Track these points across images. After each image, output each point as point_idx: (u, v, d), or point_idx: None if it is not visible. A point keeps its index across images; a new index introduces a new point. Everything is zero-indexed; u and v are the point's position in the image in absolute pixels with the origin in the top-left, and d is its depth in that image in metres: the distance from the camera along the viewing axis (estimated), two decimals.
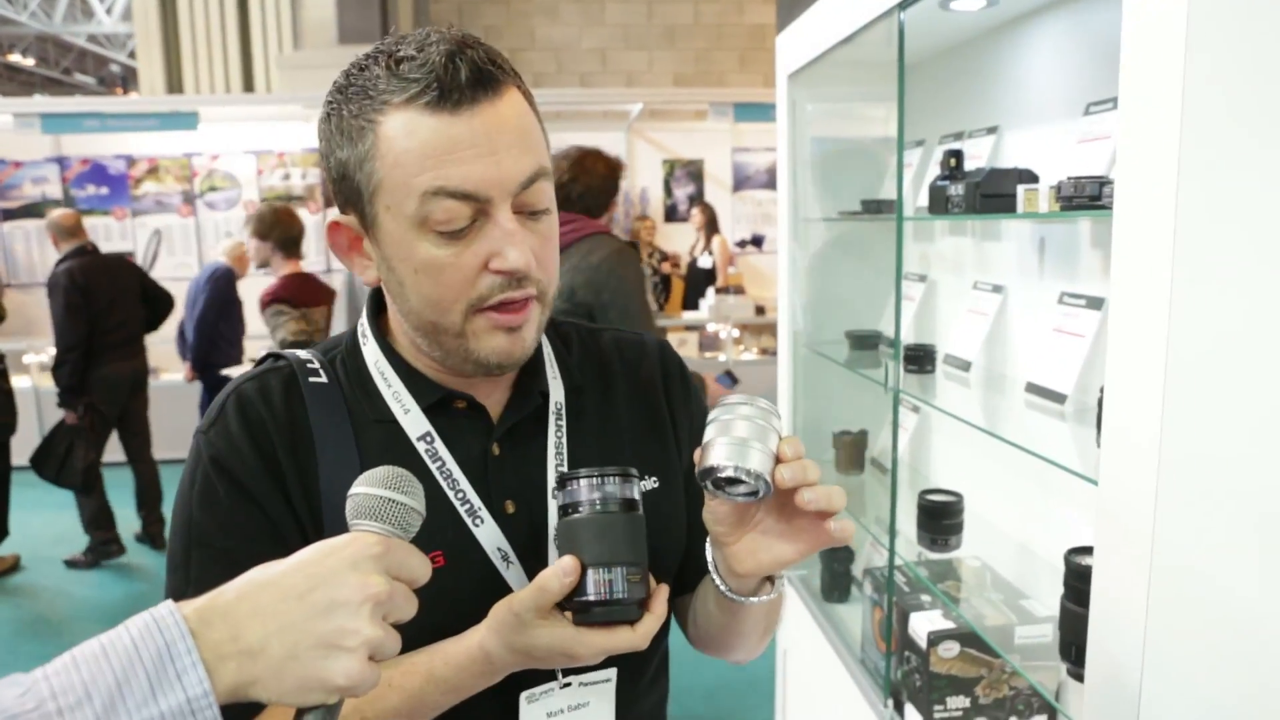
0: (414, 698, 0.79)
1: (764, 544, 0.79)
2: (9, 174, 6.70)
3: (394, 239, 0.79)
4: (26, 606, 4.17)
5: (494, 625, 0.77)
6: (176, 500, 0.85)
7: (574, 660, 0.77)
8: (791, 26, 2.11)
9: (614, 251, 2.76)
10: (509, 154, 0.76)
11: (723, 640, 0.96)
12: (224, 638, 0.57)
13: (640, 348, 1.02)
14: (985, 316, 1.82)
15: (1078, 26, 1.56)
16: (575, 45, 8.86)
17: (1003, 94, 1.82)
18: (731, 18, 8.89)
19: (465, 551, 0.84)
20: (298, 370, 0.87)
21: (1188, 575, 0.94)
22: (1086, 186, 1.20)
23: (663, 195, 8.03)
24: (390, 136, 0.75)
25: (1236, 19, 0.85)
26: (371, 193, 0.78)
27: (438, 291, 0.79)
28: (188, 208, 6.80)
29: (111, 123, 6.32)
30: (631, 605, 0.77)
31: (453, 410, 0.88)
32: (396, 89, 0.75)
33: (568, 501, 0.78)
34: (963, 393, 1.78)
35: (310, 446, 0.83)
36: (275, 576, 0.60)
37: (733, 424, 0.76)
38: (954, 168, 1.65)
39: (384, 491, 0.66)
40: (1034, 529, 1.72)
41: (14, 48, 15.09)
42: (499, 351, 0.82)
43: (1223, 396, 0.91)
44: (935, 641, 1.59)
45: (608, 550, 0.76)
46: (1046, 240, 1.67)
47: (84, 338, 4.29)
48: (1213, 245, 0.88)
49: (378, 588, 0.61)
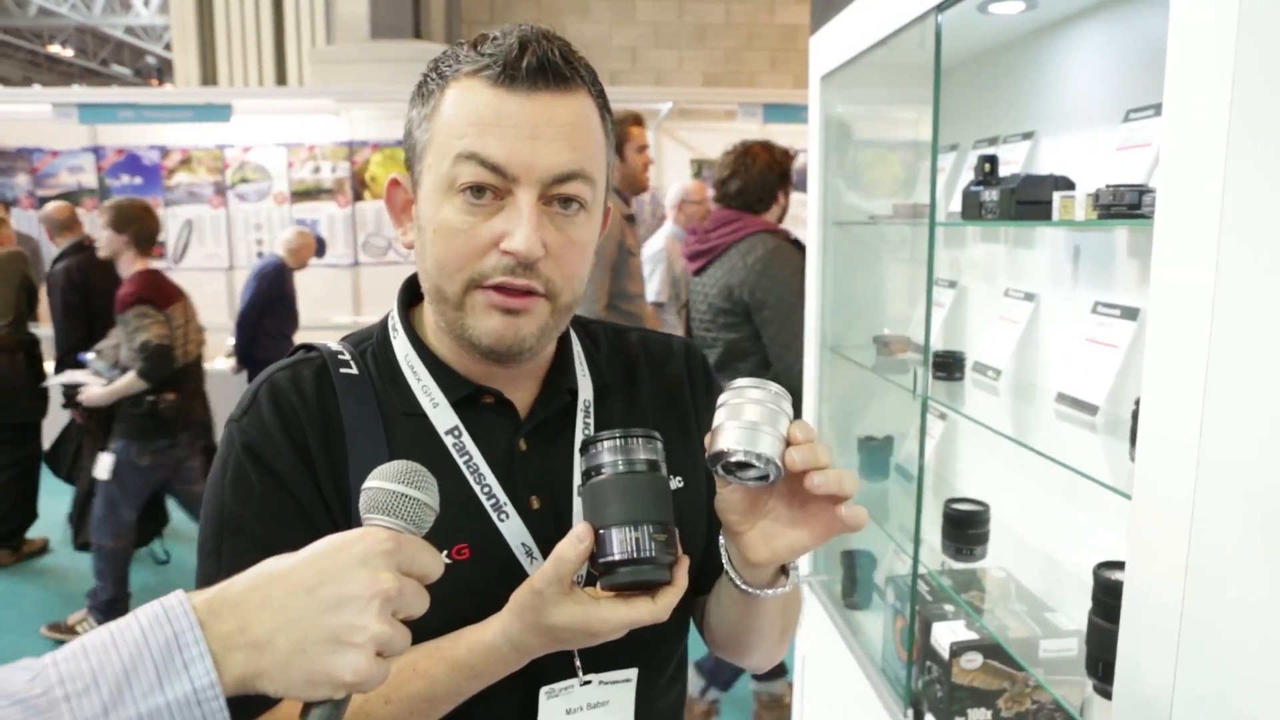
0: (437, 684, 0.78)
1: (777, 531, 0.79)
2: (46, 162, 6.80)
3: (427, 198, 0.82)
4: (53, 588, 4.24)
5: (515, 608, 0.77)
6: (208, 489, 0.85)
7: (595, 636, 0.76)
8: (825, 28, 2.09)
9: (770, 250, 2.71)
10: (551, 144, 0.78)
11: (741, 640, 0.95)
12: (232, 629, 0.57)
13: (667, 348, 1.02)
14: (1016, 324, 1.79)
15: (1118, 31, 1.54)
16: (606, 43, 8.86)
17: (1040, 99, 1.79)
18: (763, 18, 8.85)
19: (489, 545, 0.84)
20: (329, 361, 0.88)
21: (1223, 593, 0.91)
22: (1125, 194, 1.18)
23: None
24: (450, 100, 0.80)
25: None
26: (422, 150, 0.82)
27: (447, 255, 0.81)
28: (219, 199, 6.86)
29: (147, 114, 6.40)
30: (660, 565, 0.75)
31: (481, 405, 0.88)
32: (470, 61, 0.79)
33: (590, 465, 0.77)
34: (992, 401, 1.76)
35: (341, 436, 0.84)
36: (285, 570, 0.61)
37: (742, 408, 0.75)
38: (988, 173, 1.62)
39: (397, 486, 0.66)
40: (1061, 541, 1.69)
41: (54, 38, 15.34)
42: (492, 332, 0.82)
43: (1263, 412, 0.89)
44: (958, 652, 1.57)
45: (632, 509, 0.74)
46: (1081, 249, 1.64)
47: (85, 338, 4.24)
48: (1256, 258, 0.86)
49: (387, 584, 0.61)
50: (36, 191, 6.76)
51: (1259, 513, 0.91)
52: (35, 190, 6.76)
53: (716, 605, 0.95)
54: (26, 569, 4.44)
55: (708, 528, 0.94)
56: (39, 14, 13.35)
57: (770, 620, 0.92)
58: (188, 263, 6.84)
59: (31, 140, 6.76)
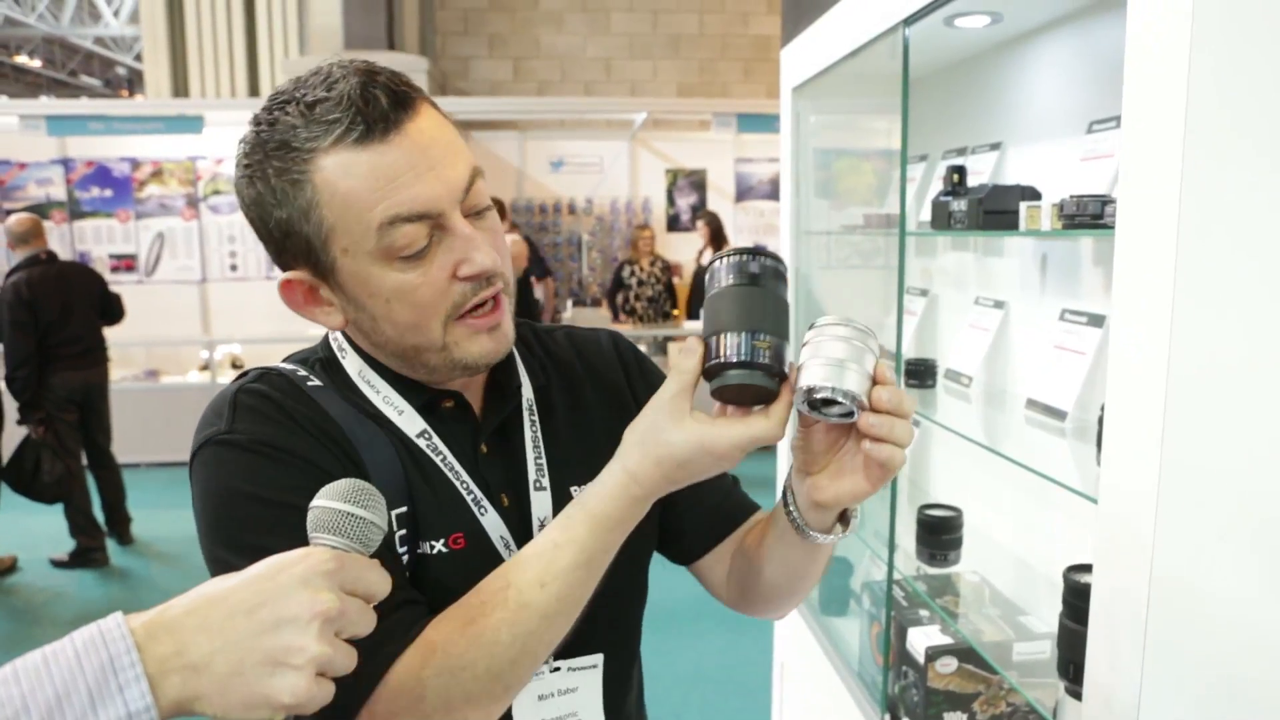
0: (585, 545, 0.78)
1: (846, 472, 0.80)
2: (13, 175, 6.71)
3: (358, 278, 0.79)
4: (20, 607, 4.16)
5: (635, 436, 0.78)
6: (205, 515, 0.80)
7: (715, 457, 0.75)
8: (797, 40, 2.12)
9: None
10: (445, 164, 0.78)
11: (791, 588, 0.96)
12: (169, 652, 0.57)
13: (595, 341, 1.05)
14: (987, 332, 1.82)
15: (1081, 44, 1.57)
16: (580, 54, 8.90)
17: (1006, 110, 1.82)
18: (736, 28, 8.92)
19: (479, 536, 0.86)
20: (292, 377, 0.87)
21: (1188, 594, 0.93)
22: (1089, 205, 1.20)
23: (665, 205, 8.05)
24: (329, 181, 0.75)
25: (1241, 37, 0.85)
26: (324, 240, 0.78)
27: (415, 314, 0.80)
28: (191, 211, 6.81)
29: (117, 125, 6.34)
30: (771, 374, 0.75)
31: (441, 411, 0.90)
32: (320, 133, 0.75)
33: (710, 282, 0.79)
34: (963, 408, 1.78)
35: (340, 431, 0.83)
36: (225, 592, 0.61)
37: (827, 344, 0.75)
38: (957, 183, 1.65)
39: (343, 505, 0.66)
40: (1033, 545, 1.72)
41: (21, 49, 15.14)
42: (486, 353, 0.84)
43: (1224, 415, 0.91)
44: (933, 657, 1.58)
45: (743, 316, 0.75)
46: (1049, 257, 1.67)
47: (33, 353, 4.20)
48: (1215, 264, 0.88)
49: (327, 604, 0.61)
50: (3, 204, 6.66)
51: (1223, 514, 0.93)
52: (2, 203, 6.67)
53: (770, 559, 0.95)
54: None
55: (675, 501, 0.94)
56: (5, 24, 13.18)
57: (820, 565, 0.94)
58: (160, 275, 6.78)
59: None
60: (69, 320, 4.32)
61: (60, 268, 4.43)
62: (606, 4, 8.83)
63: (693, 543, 1.03)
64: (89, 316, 4.46)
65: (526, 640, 0.77)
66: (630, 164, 8.04)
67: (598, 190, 8.04)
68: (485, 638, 0.76)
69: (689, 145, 8.03)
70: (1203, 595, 0.94)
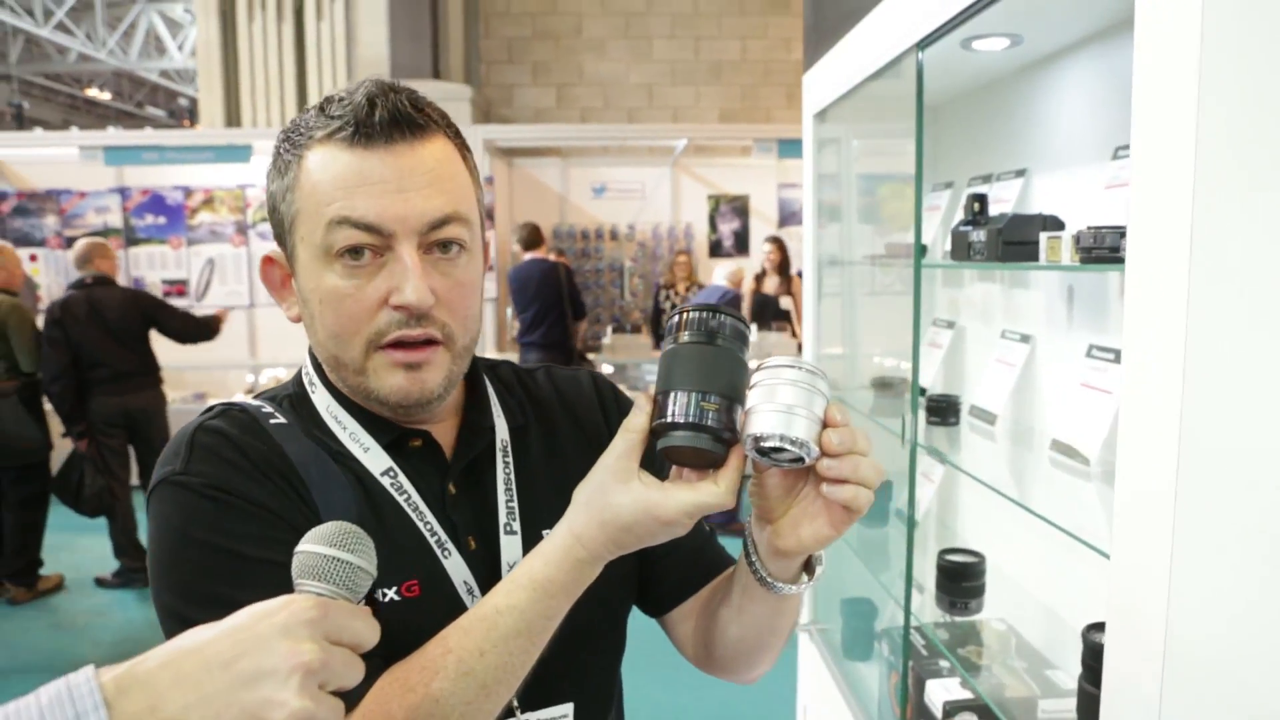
0: (526, 612, 0.75)
1: (806, 519, 0.76)
2: (74, 203, 6.94)
3: (306, 269, 0.81)
4: (63, 624, 4.23)
5: (581, 499, 0.76)
6: (155, 557, 0.78)
7: (661, 524, 0.73)
8: (817, 65, 2.07)
9: None
10: (419, 193, 0.78)
11: (761, 643, 0.92)
12: (142, 708, 0.53)
13: (575, 382, 1.02)
14: (1012, 367, 1.74)
15: (1105, 67, 1.50)
16: (623, 81, 8.95)
17: (1031, 136, 1.75)
18: (779, 54, 8.90)
19: (438, 582, 0.83)
20: (255, 414, 0.85)
21: (1205, 657, 0.86)
22: (1106, 237, 1.13)
23: (708, 230, 8.02)
24: (309, 169, 0.79)
25: (1250, 64, 0.79)
26: (291, 223, 0.81)
27: (339, 323, 0.80)
28: (240, 238, 6.96)
29: (169, 155, 6.53)
30: (717, 438, 0.72)
31: (408, 450, 0.87)
32: (321, 126, 0.79)
33: (667, 336, 0.77)
34: (987, 448, 1.70)
35: (296, 474, 0.81)
36: (201, 643, 0.57)
37: (777, 389, 0.72)
38: (978, 212, 1.58)
39: (329, 550, 0.63)
40: (1064, 593, 1.62)
41: (92, 83, 15.78)
42: (398, 390, 0.81)
43: (1241, 465, 0.84)
44: (951, 713, 1.50)
45: (694, 376, 0.73)
46: (1075, 289, 1.59)
47: (64, 370, 4.28)
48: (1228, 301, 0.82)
49: (308, 655, 0.57)
50: (64, 232, 6.90)
51: (1239, 570, 0.85)
52: (63, 231, 6.91)
53: (736, 613, 0.91)
54: (40, 606, 4.44)
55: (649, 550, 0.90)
56: (78, 59, 13.75)
57: (788, 620, 0.90)
58: (209, 300, 6.93)
59: (60, 182, 6.93)
60: (100, 345, 4.37)
61: (102, 294, 4.42)
62: (649, 31, 8.88)
63: (665, 594, 0.98)
64: (127, 342, 4.46)
65: (465, 712, 0.73)
66: (672, 190, 8.04)
67: (640, 216, 8.05)
68: (422, 710, 0.72)
69: (731, 171, 8.00)
70: (1221, 659, 0.86)
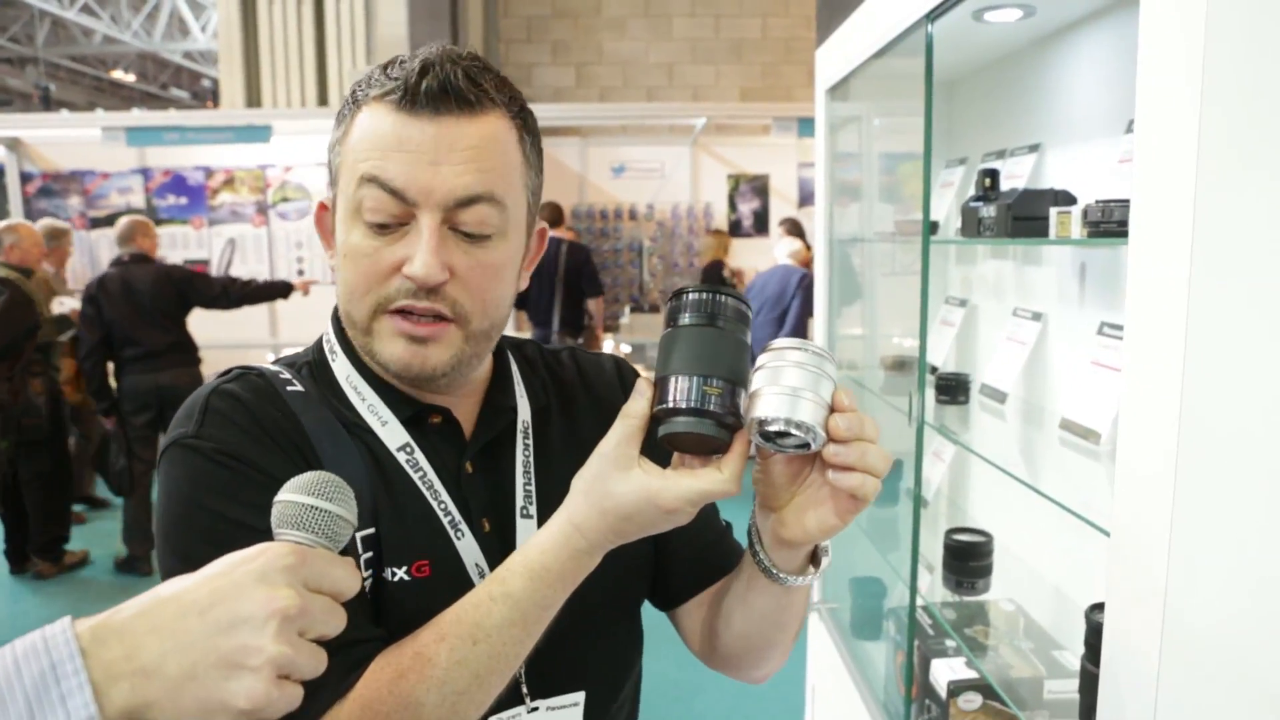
0: (522, 601, 0.73)
1: (811, 507, 0.74)
2: (98, 184, 7.01)
3: (340, 222, 0.81)
4: (78, 599, 4.29)
5: (580, 486, 0.74)
6: (162, 519, 0.77)
7: (663, 513, 0.71)
8: (829, 40, 2.04)
9: None
10: (453, 168, 0.76)
11: (768, 639, 0.90)
12: (118, 656, 0.53)
13: (599, 365, 1.01)
14: (1024, 345, 1.71)
15: (1118, 39, 1.46)
16: (643, 60, 8.87)
17: (1045, 110, 1.71)
18: (800, 32, 8.78)
19: (449, 563, 0.82)
20: (272, 380, 0.84)
21: (1203, 635, 0.84)
22: (1114, 211, 1.11)
23: (727, 210, 7.97)
24: (359, 124, 0.80)
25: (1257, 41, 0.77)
26: (336, 173, 0.82)
27: (354, 280, 0.80)
28: (261, 218, 7.00)
29: (190, 136, 6.56)
30: (721, 424, 0.70)
31: (427, 426, 0.86)
32: (379, 85, 0.79)
33: (668, 318, 0.75)
34: (996, 427, 1.68)
35: (308, 441, 0.80)
36: (178, 591, 0.57)
37: (782, 371, 0.70)
38: (989, 188, 1.55)
39: (307, 499, 0.62)
40: (1072, 573, 1.60)
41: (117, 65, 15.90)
42: (398, 359, 0.80)
43: (1242, 444, 0.82)
44: (956, 692, 1.49)
45: (696, 360, 0.70)
46: (1087, 266, 1.56)
47: (94, 347, 4.32)
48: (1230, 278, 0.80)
49: (285, 601, 0.57)
50: (88, 212, 6.98)
51: (1239, 549, 0.84)
52: (87, 211, 6.98)
53: (740, 606, 0.89)
54: (66, 581, 4.52)
55: (665, 539, 0.89)
56: (103, 42, 13.84)
57: (794, 615, 0.88)
58: None
59: (84, 163, 6.98)
60: (132, 322, 4.37)
61: (137, 272, 4.41)
62: (669, 10, 8.79)
63: (676, 588, 0.97)
64: (159, 320, 4.43)
65: (456, 701, 0.72)
66: (692, 169, 7.98)
67: (659, 196, 8.00)
68: (414, 697, 0.71)
69: (751, 150, 7.92)
70: (1220, 638, 0.85)
